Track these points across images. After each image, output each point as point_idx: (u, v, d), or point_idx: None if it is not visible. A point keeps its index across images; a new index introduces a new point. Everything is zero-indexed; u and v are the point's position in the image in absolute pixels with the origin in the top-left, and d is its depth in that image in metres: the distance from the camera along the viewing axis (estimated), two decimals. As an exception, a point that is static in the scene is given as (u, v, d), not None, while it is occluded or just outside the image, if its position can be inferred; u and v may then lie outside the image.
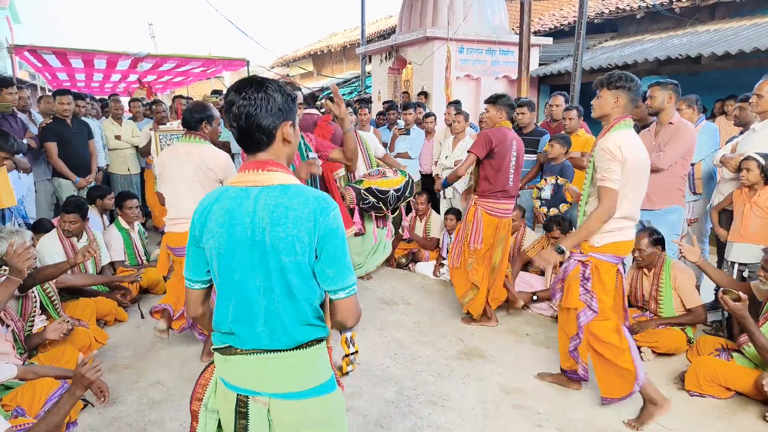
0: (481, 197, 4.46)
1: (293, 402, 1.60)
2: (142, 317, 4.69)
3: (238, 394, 1.61)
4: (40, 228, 4.67)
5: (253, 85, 1.54)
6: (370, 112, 7.34)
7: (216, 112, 3.72)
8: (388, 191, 4.18)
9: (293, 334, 1.58)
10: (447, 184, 4.93)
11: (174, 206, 3.67)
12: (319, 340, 1.65)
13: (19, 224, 4.85)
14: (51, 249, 4.43)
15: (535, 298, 4.85)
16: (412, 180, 4.45)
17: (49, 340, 3.31)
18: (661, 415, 3.10)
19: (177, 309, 3.93)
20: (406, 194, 4.32)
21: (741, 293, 3.22)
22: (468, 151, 4.43)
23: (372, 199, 4.12)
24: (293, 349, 1.60)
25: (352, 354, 3.66)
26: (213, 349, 1.69)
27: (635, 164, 2.93)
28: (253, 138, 1.57)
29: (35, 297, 3.56)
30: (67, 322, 3.36)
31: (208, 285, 1.73)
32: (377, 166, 5.13)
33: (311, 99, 5.11)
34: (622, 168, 2.89)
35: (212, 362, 1.75)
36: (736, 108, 4.92)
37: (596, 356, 3.19)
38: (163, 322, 3.96)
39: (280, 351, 1.59)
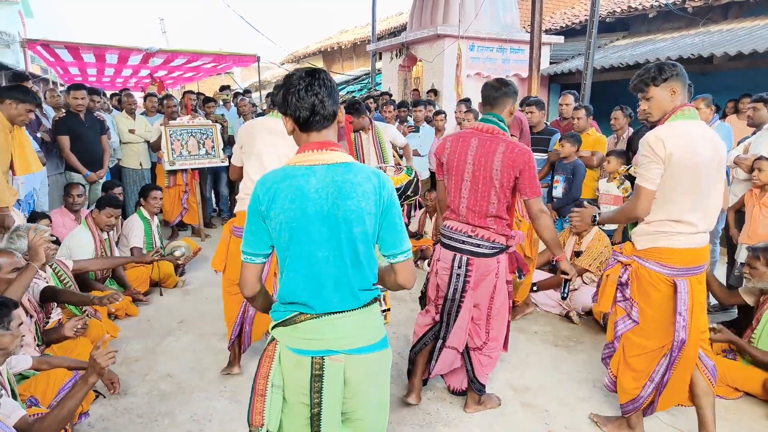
0: None
1: (364, 356, 1.79)
2: (161, 294, 4.98)
3: (313, 357, 1.74)
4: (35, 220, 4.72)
5: (318, 71, 1.76)
6: (395, 109, 7.41)
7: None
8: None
9: (359, 296, 1.78)
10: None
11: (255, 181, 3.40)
12: (375, 300, 1.86)
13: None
14: (82, 241, 4.50)
15: (535, 288, 4.80)
16: (418, 179, 4.44)
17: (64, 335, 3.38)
18: None
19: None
20: (409, 193, 4.31)
21: (715, 325, 3.43)
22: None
23: None
24: (360, 308, 1.79)
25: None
26: (275, 324, 1.82)
27: (685, 162, 2.52)
28: (321, 119, 1.74)
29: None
30: (83, 319, 3.43)
31: (266, 260, 1.86)
32: (388, 162, 5.15)
33: None
34: (666, 164, 2.53)
35: (272, 340, 1.83)
36: (750, 108, 4.89)
37: (617, 367, 2.97)
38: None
39: (348, 311, 1.77)
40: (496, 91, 2.97)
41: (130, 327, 4.38)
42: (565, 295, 3.26)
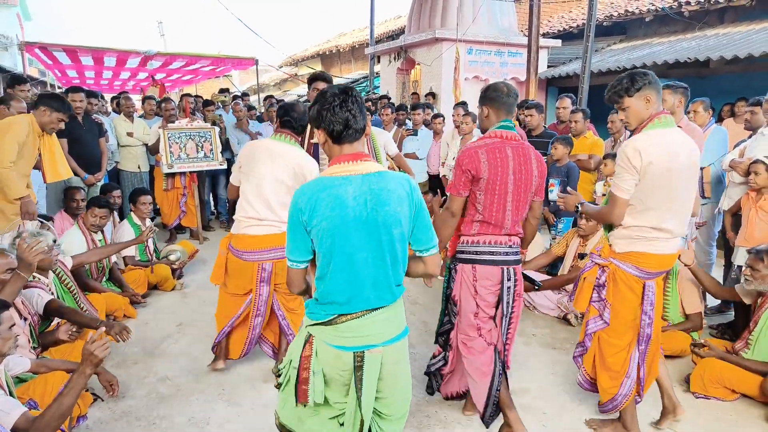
0: None
1: (396, 344, 2.02)
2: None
3: (354, 352, 1.94)
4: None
5: (352, 91, 1.92)
6: (393, 113, 7.43)
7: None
8: None
9: (394, 292, 1.99)
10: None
11: (252, 205, 3.34)
12: (401, 295, 2.07)
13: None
14: (74, 242, 4.52)
15: (537, 287, 4.75)
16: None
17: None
18: None
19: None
20: None
21: (704, 341, 3.58)
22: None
23: None
24: (392, 303, 2.00)
25: None
26: (313, 324, 1.99)
27: (663, 170, 2.57)
28: (354, 132, 1.91)
29: (53, 293, 3.62)
30: (77, 330, 3.43)
31: (308, 263, 2.02)
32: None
33: None
34: (644, 174, 2.58)
35: (309, 337, 2.00)
36: (747, 112, 4.91)
37: (593, 368, 3.05)
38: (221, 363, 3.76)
39: (384, 307, 1.97)
40: (510, 98, 2.86)
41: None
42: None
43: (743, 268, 3.85)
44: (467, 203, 2.88)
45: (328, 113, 1.88)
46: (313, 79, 3.89)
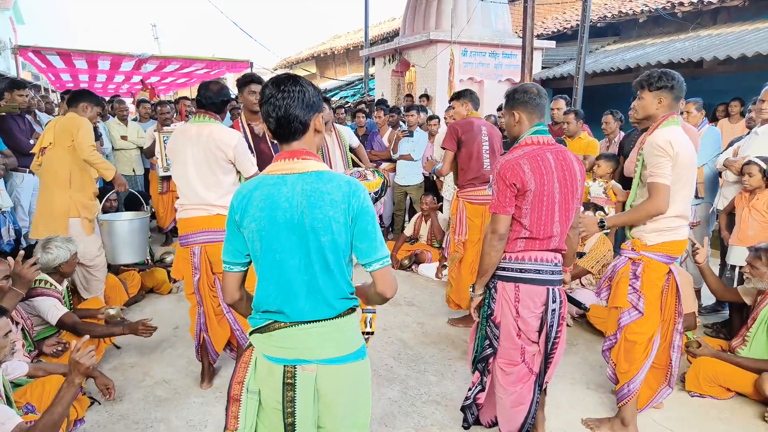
0: (462, 189, 4.52)
1: (337, 367, 1.77)
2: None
3: (285, 366, 1.74)
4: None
5: (290, 80, 1.72)
6: (386, 114, 7.46)
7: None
8: (368, 194, 4.20)
9: (333, 305, 1.76)
10: (435, 170, 4.89)
11: (182, 191, 3.36)
12: (352, 309, 1.83)
13: (16, 230, 4.90)
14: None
15: (585, 310, 4.61)
16: (386, 180, 4.48)
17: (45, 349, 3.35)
18: None
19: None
20: (382, 194, 4.35)
21: (699, 339, 3.59)
22: (442, 148, 4.50)
23: None
24: (334, 318, 1.77)
25: (367, 335, 3.60)
26: (252, 331, 1.81)
27: (686, 161, 2.77)
28: (290, 129, 1.73)
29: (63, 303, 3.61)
30: (64, 343, 3.39)
31: (245, 269, 1.87)
32: (353, 166, 5.19)
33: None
34: (674, 164, 2.72)
35: (249, 345, 1.86)
36: (750, 111, 4.93)
37: (617, 361, 3.07)
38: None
39: (322, 320, 1.75)
40: (542, 99, 2.68)
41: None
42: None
43: (744, 266, 3.90)
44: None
45: (263, 107, 1.73)
46: (243, 83, 3.84)
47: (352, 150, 5.48)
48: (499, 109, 5.99)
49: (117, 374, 3.69)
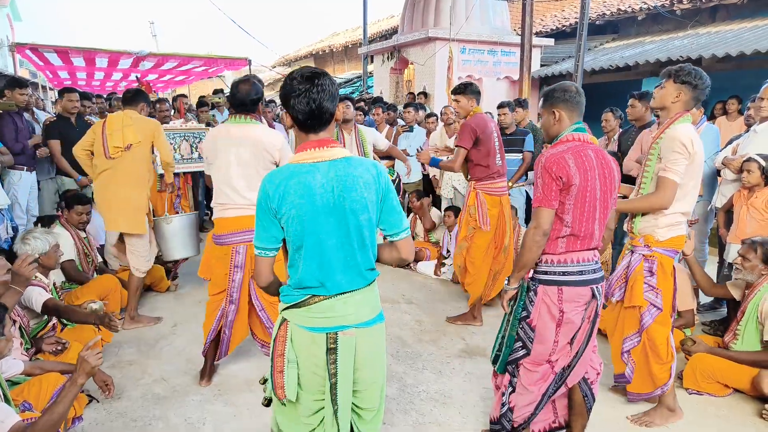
0: (479, 182, 4.56)
1: (370, 328, 2.00)
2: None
3: (327, 333, 1.92)
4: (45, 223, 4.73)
5: (321, 74, 1.86)
6: (384, 112, 7.47)
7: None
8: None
9: (365, 276, 1.97)
10: (436, 163, 4.87)
11: (224, 191, 3.39)
12: (375, 279, 2.05)
13: (14, 228, 4.89)
14: (65, 243, 4.50)
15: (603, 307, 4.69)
16: (399, 180, 4.48)
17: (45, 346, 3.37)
18: (674, 422, 3.12)
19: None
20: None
21: (693, 337, 3.64)
22: (456, 146, 4.50)
23: None
24: (365, 287, 1.98)
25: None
26: (285, 307, 1.98)
27: (700, 160, 2.88)
28: (322, 120, 1.88)
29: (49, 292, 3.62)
30: (63, 342, 3.42)
31: (276, 253, 1.99)
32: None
33: None
34: (690, 163, 2.82)
35: (283, 321, 1.99)
36: (749, 108, 4.94)
37: (642, 358, 3.09)
38: None
39: (358, 289, 1.96)
40: (582, 97, 2.63)
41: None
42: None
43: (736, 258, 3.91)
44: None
45: (293, 100, 1.84)
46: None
47: (378, 151, 5.57)
48: (501, 106, 5.96)
49: (115, 372, 3.69)
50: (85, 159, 4.41)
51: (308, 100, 1.82)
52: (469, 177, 4.67)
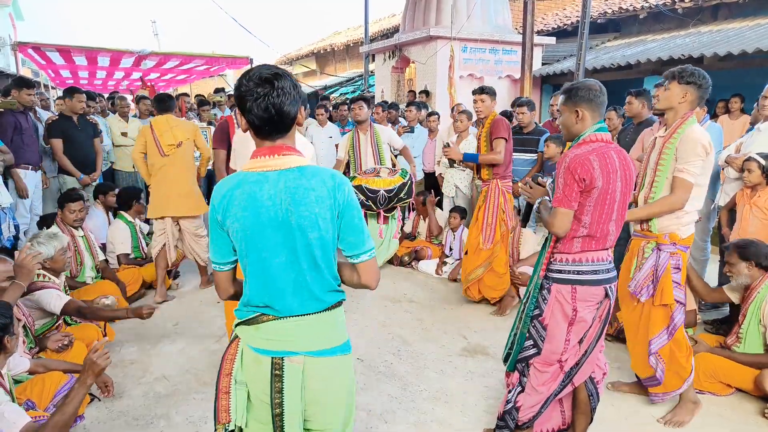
0: (503, 179, 4.72)
1: (324, 359, 1.76)
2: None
3: (273, 358, 1.73)
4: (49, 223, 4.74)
5: (281, 76, 1.63)
6: (384, 111, 7.47)
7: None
8: (379, 191, 4.22)
9: (321, 299, 1.75)
10: (471, 158, 4.84)
11: None
12: (339, 303, 1.82)
13: (16, 226, 4.90)
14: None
15: None
16: (412, 182, 4.48)
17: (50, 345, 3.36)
18: (697, 414, 3.15)
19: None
20: (401, 196, 4.33)
21: (694, 337, 3.61)
22: (499, 138, 4.58)
23: (361, 197, 4.16)
24: (322, 311, 1.76)
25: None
26: (238, 323, 1.81)
27: (712, 159, 2.96)
28: (279, 125, 1.66)
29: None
30: (68, 337, 3.41)
31: (235, 266, 1.85)
32: (384, 163, 5.23)
33: (314, 98, 5.31)
34: (705, 164, 2.91)
35: (235, 338, 1.83)
36: (756, 107, 4.93)
37: (668, 354, 3.10)
38: None
39: (312, 314, 1.75)
40: (605, 97, 2.59)
41: (124, 330, 4.37)
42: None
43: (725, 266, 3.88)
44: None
45: (250, 103, 1.62)
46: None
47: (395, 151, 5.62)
48: (520, 104, 5.89)
49: (117, 370, 3.69)
50: (141, 161, 5.02)
51: (267, 105, 1.61)
52: (485, 176, 4.75)
